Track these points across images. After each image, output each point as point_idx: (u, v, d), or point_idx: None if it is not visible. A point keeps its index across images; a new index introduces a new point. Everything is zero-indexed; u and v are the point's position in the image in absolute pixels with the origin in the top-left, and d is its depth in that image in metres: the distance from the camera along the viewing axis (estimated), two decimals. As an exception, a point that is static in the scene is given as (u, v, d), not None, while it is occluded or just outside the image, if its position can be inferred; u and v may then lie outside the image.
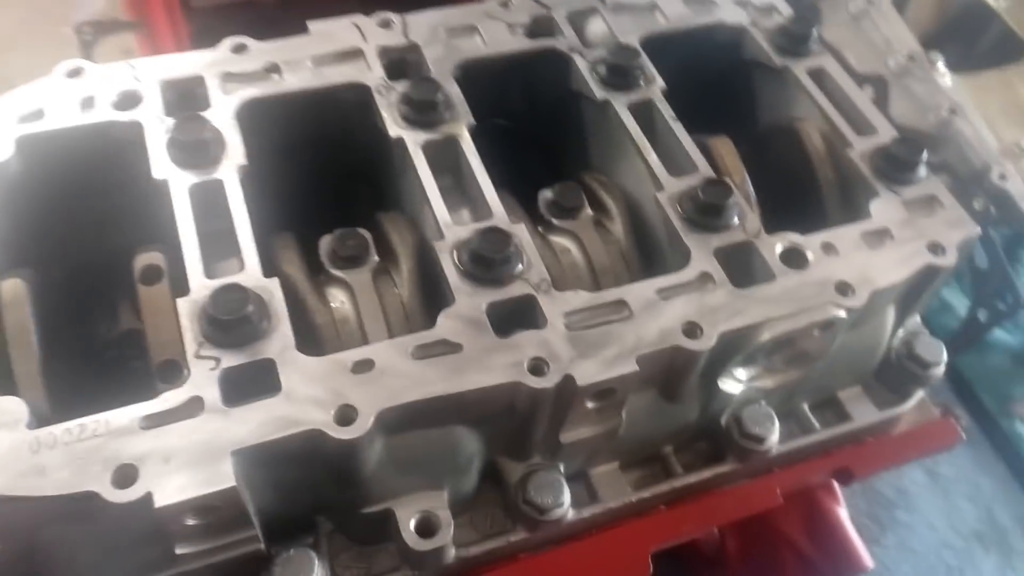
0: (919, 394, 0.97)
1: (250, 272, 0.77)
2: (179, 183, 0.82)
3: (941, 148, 1.80)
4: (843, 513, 1.08)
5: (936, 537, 1.60)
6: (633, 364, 0.75)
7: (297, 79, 0.93)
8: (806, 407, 0.95)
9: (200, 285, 0.75)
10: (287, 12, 3.55)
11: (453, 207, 0.89)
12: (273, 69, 0.94)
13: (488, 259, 0.78)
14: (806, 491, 1.03)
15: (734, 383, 0.86)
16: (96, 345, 0.95)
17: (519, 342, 0.75)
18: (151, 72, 0.91)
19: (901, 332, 0.97)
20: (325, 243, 0.85)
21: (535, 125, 1.14)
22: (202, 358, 0.71)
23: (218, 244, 0.82)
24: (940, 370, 0.95)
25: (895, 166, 0.91)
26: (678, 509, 0.87)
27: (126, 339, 0.96)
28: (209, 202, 0.82)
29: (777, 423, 0.87)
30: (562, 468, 0.85)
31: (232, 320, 0.71)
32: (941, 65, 1.84)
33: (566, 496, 0.82)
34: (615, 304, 0.79)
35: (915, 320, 0.99)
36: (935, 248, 0.86)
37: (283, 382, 0.70)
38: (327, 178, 1.01)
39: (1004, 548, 1.61)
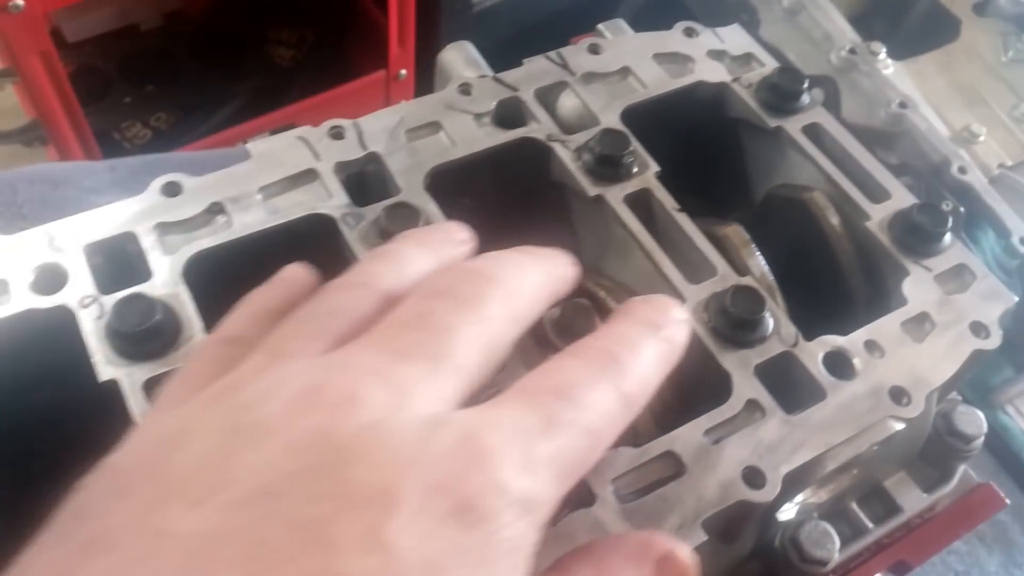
0: (962, 468, 0.92)
1: (240, 492, 0.64)
2: (131, 383, 0.68)
3: (896, 145, 1.77)
4: None
5: (940, 545, 1.60)
6: (700, 533, 0.66)
7: (248, 219, 0.80)
8: (854, 504, 0.89)
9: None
10: (170, 36, 3.30)
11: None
12: (216, 210, 0.80)
13: (517, 432, 0.67)
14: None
15: (789, 507, 0.79)
16: None
17: (570, 529, 0.65)
18: (71, 236, 0.76)
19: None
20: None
21: (506, 209, 1.03)
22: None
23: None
24: (981, 441, 0.90)
25: (920, 237, 0.84)
26: (742, 647, 0.80)
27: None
28: (171, 399, 0.69)
29: (837, 539, 0.81)
30: (617, 636, 0.76)
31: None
32: (883, 55, 1.80)
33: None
34: (664, 458, 0.70)
35: (948, 388, 0.93)
36: (978, 329, 0.80)
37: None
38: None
39: (1005, 544, 1.62)
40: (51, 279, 0.74)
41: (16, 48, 2.40)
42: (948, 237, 0.85)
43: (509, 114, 0.93)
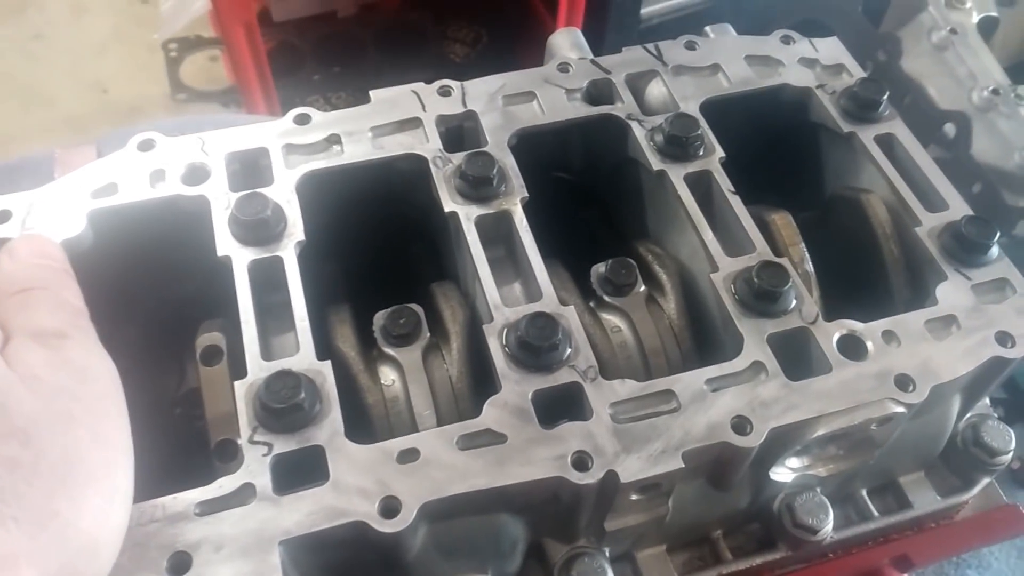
0: (984, 481, 0.93)
1: (304, 355, 0.79)
2: (240, 260, 0.85)
3: (1026, 190, 1.72)
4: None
5: (1010, 600, 1.53)
6: (679, 460, 0.74)
7: (356, 150, 0.95)
8: (864, 493, 0.92)
9: (256, 367, 0.78)
10: (362, 24, 3.63)
11: (505, 281, 0.89)
12: (334, 140, 0.96)
13: (535, 347, 0.78)
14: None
15: (786, 472, 0.84)
16: (165, 402, 0.99)
17: (563, 434, 0.75)
18: (219, 145, 0.94)
19: (969, 415, 0.93)
20: (379, 320, 0.87)
21: (594, 183, 1.14)
22: (255, 443, 0.74)
23: (277, 318, 0.85)
24: (1008, 458, 0.91)
25: (965, 247, 0.87)
26: (725, 596, 0.86)
27: (191, 398, 1.00)
28: (268, 279, 0.85)
29: (831, 513, 0.85)
30: (607, 552, 0.85)
31: (284, 408, 0.73)
32: (1031, 99, 1.75)
33: (610, 582, 0.82)
34: (663, 394, 0.78)
35: (983, 402, 0.95)
36: (1004, 339, 0.82)
37: (331, 470, 0.72)
38: (385, 243, 1.03)
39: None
40: (197, 174, 0.92)
41: (224, 18, 2.75)
42: (995, 251, 0.88)
43: (599, 93, 1.04)
